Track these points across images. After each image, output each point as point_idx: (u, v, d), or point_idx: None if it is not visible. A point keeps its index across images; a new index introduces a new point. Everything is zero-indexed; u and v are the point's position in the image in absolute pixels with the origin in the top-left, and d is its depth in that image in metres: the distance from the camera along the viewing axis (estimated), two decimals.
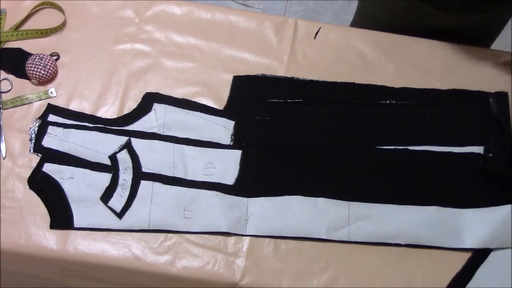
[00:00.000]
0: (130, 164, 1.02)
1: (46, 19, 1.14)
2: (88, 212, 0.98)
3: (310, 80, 1.11)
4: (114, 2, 1.17)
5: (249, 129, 1.07)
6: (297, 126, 1.07)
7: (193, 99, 1.08)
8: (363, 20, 1.30)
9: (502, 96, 1.10)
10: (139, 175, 1.01)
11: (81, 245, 0.96)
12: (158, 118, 1.06)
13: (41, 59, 1.07)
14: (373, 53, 1.14)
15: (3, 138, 1.02)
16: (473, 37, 1.16)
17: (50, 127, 1.04)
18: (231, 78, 1.10)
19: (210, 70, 1.11)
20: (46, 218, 0.97)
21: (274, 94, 1.09)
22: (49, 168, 1.00)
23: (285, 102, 1.08)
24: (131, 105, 1.07)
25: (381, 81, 1.11)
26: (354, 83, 1.11)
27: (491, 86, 1.10)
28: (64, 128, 1.04)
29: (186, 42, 1.13)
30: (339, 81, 1.11)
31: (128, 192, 0.99)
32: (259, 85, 1.10)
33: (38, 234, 0.96)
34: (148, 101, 1.07)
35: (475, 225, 1.00)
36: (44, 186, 0.99)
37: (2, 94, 1.06)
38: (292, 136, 1.06)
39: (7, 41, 1.11)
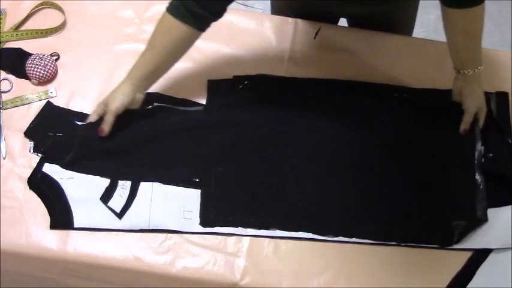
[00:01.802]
0: None
1: (46, 19, 1.14)
2: (88, 212, 0.97)
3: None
4: (114, 2, 1.17)
5: None
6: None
7: (193, 99, 1.08)
8: (275, 8, 1.28)
9: (502, 96, 1.10)
10: None
11: (81, 245, 0.95)
12: None
13: (41, 59, 1.07)
14: (372, 53, 1.14)
15: (3, 138, 1.02)
16: (387, 25, 1.16)
17: None
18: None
19: (210, 70, 1.11)
20: (46, 218, 0.97)
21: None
22: (49, 168, 1.00)
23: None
24: None
25: (380, 81, 1.11)
26: (354, 81, 1.11)
27: (491, 86, 1.10)
28: None
29: None
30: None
31: (128, 193, 0.99)
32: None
33: (38, 234, 0.96)
34: (149, 101, 1.07)
35: None
36: (44, 186, 0.99)
37: (2, 94, 1.06)
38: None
39: (7, 41, 1.11)
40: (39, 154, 1.01)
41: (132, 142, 1.02)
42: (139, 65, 0.96)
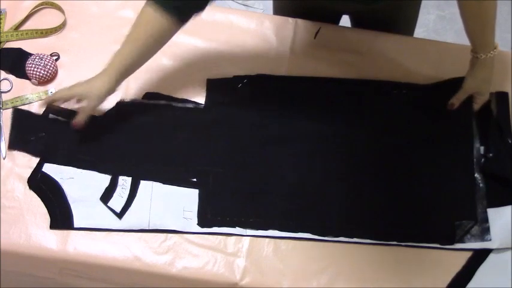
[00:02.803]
0: None
1: (46, 19, 1.14)
2: (88, 212, 0.98)
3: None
4: (114, 2, 1.17)
5: None
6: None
7: (193, 99, 1.08)
8: (277, 8, 1.29)
9: (502, 96, 1.10)
10: None
11: (81, 245, 0.96)
12: None
13: (41, 59, 1.07)
14: (372, 53, 1.14)
15: (3, 138, 1.02)
16: (386, 25, 1.16)
17: None
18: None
19: (210, 70, 1.11)
20: (46, 218, 0.97)
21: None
22: (49, 168, 1.00)
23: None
24: None
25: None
26: (353, 79, 1.10)
27: (491, 86, 1.10)
28: None
29: (186, 42, 1.13)
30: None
31: (128, 192, 0.99)
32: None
33: (38, 234, 0.96)
34: (149, 100, 1.07)
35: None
36: (44, 186, 0.99)
37: (2, 94, 1.06)
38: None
39: (7, 41, 1.11)
40: None
41: (131, 140, 1.02)
42: (118, 60, 0.94)
